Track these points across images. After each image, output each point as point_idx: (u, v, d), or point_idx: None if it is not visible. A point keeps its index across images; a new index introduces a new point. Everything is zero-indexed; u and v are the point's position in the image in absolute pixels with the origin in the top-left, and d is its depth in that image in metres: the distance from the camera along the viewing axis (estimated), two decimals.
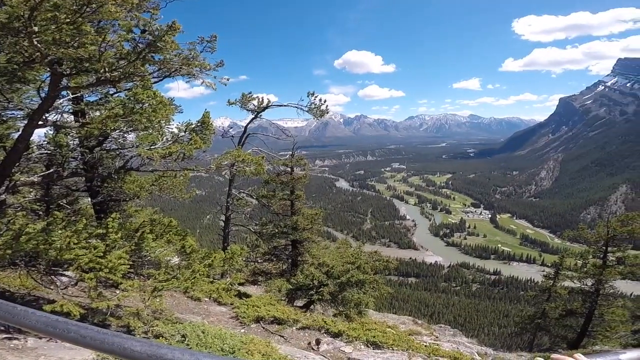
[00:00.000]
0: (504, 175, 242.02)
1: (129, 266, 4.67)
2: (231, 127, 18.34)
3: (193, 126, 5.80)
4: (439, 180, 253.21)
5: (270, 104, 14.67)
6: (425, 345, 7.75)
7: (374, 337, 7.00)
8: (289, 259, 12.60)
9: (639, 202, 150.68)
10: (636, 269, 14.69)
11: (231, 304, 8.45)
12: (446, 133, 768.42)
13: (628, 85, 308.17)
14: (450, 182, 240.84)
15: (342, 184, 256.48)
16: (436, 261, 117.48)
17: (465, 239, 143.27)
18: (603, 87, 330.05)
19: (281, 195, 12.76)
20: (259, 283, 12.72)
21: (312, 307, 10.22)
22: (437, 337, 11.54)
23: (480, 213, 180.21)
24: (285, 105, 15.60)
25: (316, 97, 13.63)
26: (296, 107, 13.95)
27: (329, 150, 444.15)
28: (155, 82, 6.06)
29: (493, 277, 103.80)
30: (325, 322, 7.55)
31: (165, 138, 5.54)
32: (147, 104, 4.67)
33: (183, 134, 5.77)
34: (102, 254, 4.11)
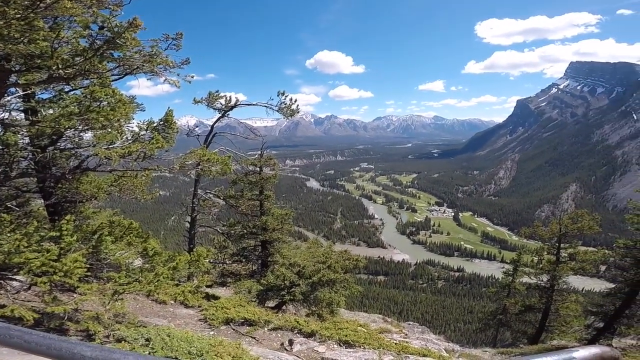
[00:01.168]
0: (466, 174, 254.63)
1: (86, 269, 4.52)
2: (197, 126, 17.91)
3: (155, 125, 5.66)
4: (405, 179, 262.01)
5: (238, 103, 14.51)
6: (395, 343, 7.98)
7: (346, 336, 7.08)
8: (259, 259, 12.44)
9: (588, 200, 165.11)
10: (586, 264, 15.28)
11: (199, 307, 8.28)
12: (412, 134, 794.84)
13: (578, 88, 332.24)
14: (415, 182, 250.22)
15: (313, 183, 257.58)
16: (403, 259, 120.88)
17: (430, 236, 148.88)
18: (556, 90, 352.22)
19: (249, 196, 12.64)
20: (228, 285, 12.51)
21: (284, 307, 10.17)
22: (406, 335, 11.94)
23: (444, 211, 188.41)
24: (254, 105, 15.46)
25: (286, 96, 13.62)
26: (265, 106, 13.87)
27: (300, 150, 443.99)
28: (115, 80, 5.85)
29: (457, 274, 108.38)
30: (297, 322, 7.53)
31: (125, 137, 5.37)
32: (105, 102, 4.52)
33: (144, 132, 5.62)
34: (55, 257, 3.95)
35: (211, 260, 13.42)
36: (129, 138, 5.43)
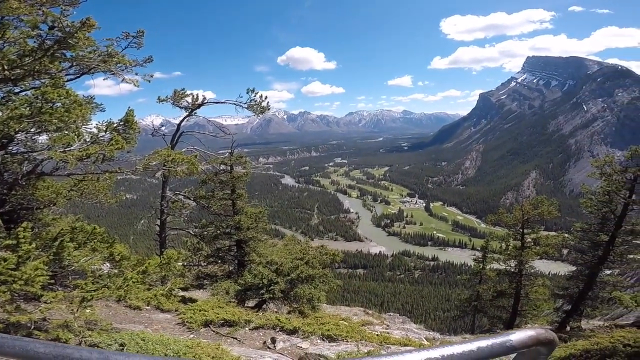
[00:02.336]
0: (435, 166, 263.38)
1: (49, 277, 4.35)
2: (163, 125, 17.35)
3: (115, 125, 5.45)
4: (377, 173, 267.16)
5: (206, 101, 14.20)
6: (377, 335, 8.18)
7: (329, 330, 7.16)
8: (235, 259, 12.33)
9: (547, 186, 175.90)
10: (549, 248, 15.70)
11: (176, 310, 8.17)
12: (383, 128, 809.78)
13: (535, 81, 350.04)
14: (387, 174, 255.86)
15: (288, 180, 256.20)
16: (380, 251, 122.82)
17: (404, 227, 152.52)
18: (515, 83, 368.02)
19: (221, 195, 12.48)
20: (204, 287, 12.32)
21: (264, 306, 10.14)
22: (387, 326, 12.28)
23: (416, 202, 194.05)
24: (222, 102, 15.19)
25: (256, 93, 13.45)
26: (235, 104, 13.65)
27: (273, 147, 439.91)
28: (71, 80, 5.58)
29: (432, 263, 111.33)
30: (279, 320, 7.54)
31: (82, 139, 5.15)
32: (59, 104, 4.33)
33: (104, 134, 5.41)
34: (14, 266, 3.77)
35: (185, 263, 13.14)
36: (87, 140, 5.21)
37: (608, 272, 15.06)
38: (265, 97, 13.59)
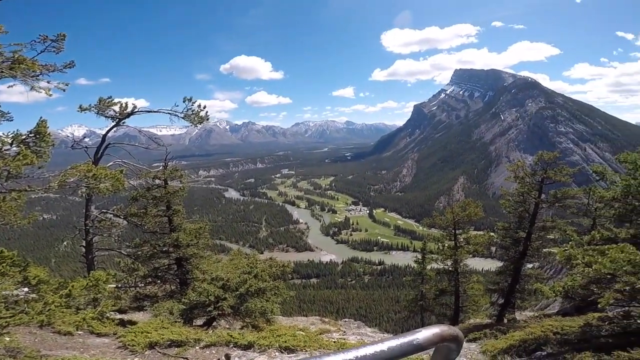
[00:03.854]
0: (376, 174, 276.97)
1: None
2: (87, 137, 15.75)
3: (24, 137, 4.76)
4: (324, 183, 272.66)
5: (136, 110, 13.21)
6: (334, 342, 8.28)
7: (286, 342, 7.11)
8: (177, 278, 11.65)
9: (473, 189, 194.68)
10: (478, 247, 16.88)
11: (114, 334, 7.59)
12: (327, 138, 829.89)
13: (461, 93, 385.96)
14: (333, 184, 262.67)
15: (232, 193, 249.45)
16: (331, 259, 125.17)
17: (351, 235, 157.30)
18: (444, 95, 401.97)
19: (155, 212, 11.64)
20: (145, 309, 11.39)
21: (214, 323, 9.75)
22: (344, 332, 12.37)
23: (360, 210, 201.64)
24: (155, 112, 14.30)
25: (194, 102, 12.92)
26: (169, 113, 12.92)
27: (215, 159, 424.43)
28: None
29: (379, 267, 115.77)
30: (232, 336, 7.34)
31: None
32: None
33: (9, 147, 4.71)
34: None
35: (120, 285, 12.18)
36: None
37: (530, 266, 16.57)
38: (205, 107, 13.12)
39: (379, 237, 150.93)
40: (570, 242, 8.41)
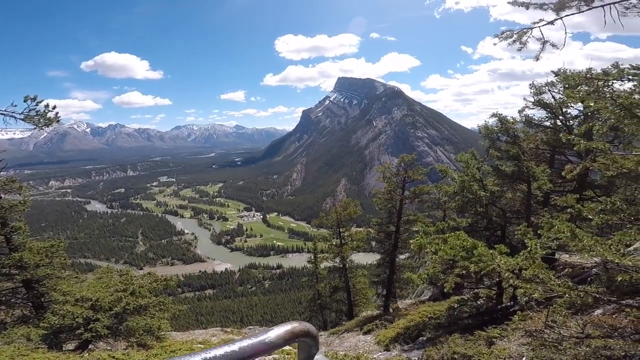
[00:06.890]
0: (267, 179, 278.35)
1: None
2: None
3: None
4: (211, 190, 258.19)
5: None
6: None
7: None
8: (28, 302, 10.51)
9: (353, 190, 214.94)
10: (359, 242, 18.21)
11: None
12: (215, 143, 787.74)
13: (342, 100, 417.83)
14: (222, 191, 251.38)
15: (97, 206, 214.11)
16: (226, 268, 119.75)
17: (245, 241, 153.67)
18: (328, 102, 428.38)
19: None
20: None
21: (90, 346, 8.63)
22: None
23: (254, 215, 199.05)
24: None
25: (40, 102, 10.55)
26: (3, 114, 10.25)
27: (71, 167, 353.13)
28: None
29: (277, 271, 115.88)
30: (114, 357, 6.64)
31: None
32: None
33: None
34: None
35: None
36: None
37: (403, 256, 18.50)
38: (54, 107, 10.87)
39: (274, 242, 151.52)
40: (420, 232, 9.70)
